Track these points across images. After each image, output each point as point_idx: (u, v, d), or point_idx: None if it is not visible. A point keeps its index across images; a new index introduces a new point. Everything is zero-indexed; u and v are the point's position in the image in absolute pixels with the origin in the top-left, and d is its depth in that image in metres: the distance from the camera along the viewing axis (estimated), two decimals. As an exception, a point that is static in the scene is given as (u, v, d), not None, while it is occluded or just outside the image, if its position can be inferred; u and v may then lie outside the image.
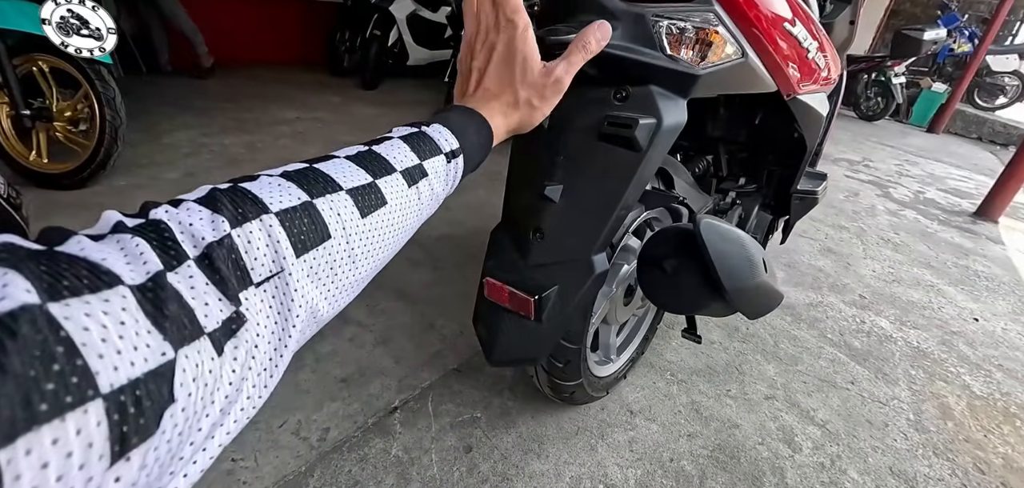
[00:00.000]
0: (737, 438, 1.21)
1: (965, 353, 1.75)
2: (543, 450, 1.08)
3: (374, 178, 0.32)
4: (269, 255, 0.25)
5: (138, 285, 0.19)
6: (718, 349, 1.52)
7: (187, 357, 0.19)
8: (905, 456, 1.26)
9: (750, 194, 1.27)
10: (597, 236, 0.72)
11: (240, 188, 0.26)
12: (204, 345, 0.20)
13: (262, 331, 0.24)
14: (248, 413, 0.24)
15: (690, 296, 0.74)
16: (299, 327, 0.26)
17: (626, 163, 0.69)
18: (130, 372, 0.17)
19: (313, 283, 0.27)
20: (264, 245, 0.25)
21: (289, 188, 0.28)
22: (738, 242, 0.70)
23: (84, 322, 0.16)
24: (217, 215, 0.24)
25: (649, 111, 0.68)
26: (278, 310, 0.25)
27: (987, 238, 2.93)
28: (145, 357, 0.17)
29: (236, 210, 0.24)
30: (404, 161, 0.34)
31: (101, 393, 0.16)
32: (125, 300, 0.18)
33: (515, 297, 0.76)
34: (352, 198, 0.30)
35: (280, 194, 0.27)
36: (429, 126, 0.37)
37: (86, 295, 0.17)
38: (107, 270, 0.18)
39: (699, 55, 0.68)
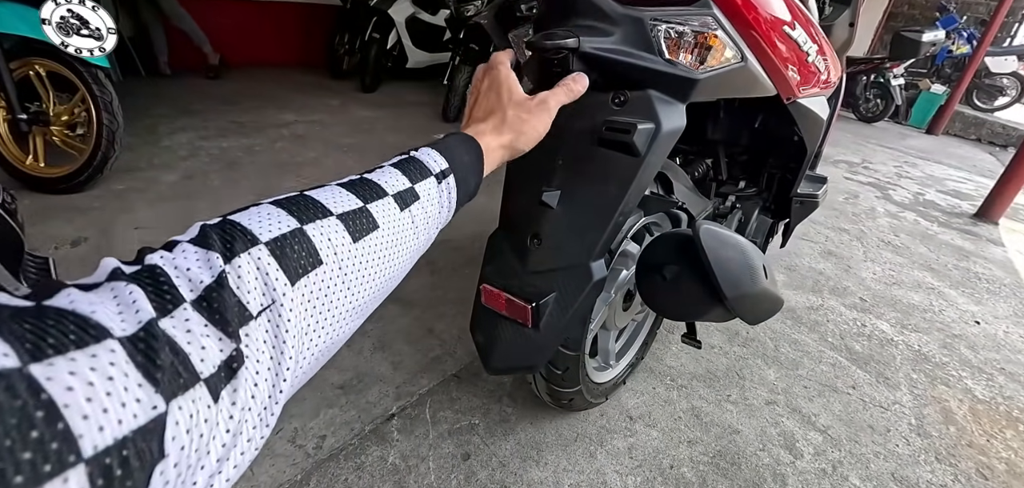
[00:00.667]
0: (738, 444, 1.20)
1: (967, 356, 1.74)
2: (542, 457, 1.07)
3: (365, 203, 0.32)
4: (260, 287, 0.24)
5: (129, 336, 0.18)
6: (718, 354, 1.51)
7: (181, 408, 0.19)
8: (907, 462, 1.25)
9: (750, 198, 1.26)
10: (596, 242, 0.71)
11: (229, 221, 0.26)
12: (199, 393, 0.20)
13: (260, 368, 0.23)
14: (248, 458, 0.23)
15: (690, 303, 0.73)
16: (295, 359, 0.25)
17: (625, 168, 0.68)
18: (117, 431, 0.16)
19: (307, 313, 0.26)
20: (255, 277, 0.24)
21: (278, 215, 0.27)
22: (738, 248, 0.69)
23: (68, 381, 0.15)
24: (210, 252, 0.23)
25: (648, 116, 0.67)
26: (273, 343, 0.24)
27: (988, 240, 2.91)
28: (134, 413, 0.17)
29: (226, 244, 0.24)
30: (395, 185, 0.34)
31: (83, 458, 0.15)
32: (114, 354, 0.17)
33: (512, 304, 0.75)
34: (343, 223, 0.30)
35: (269, 222, 0.27)
36: (418, 150, 0.38)
37: (72, 351, 0.16)
38: (96, 323, 0.17)
39: (698, 59, 0.68)
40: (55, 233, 1.69)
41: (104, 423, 0.16)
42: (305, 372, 0.27)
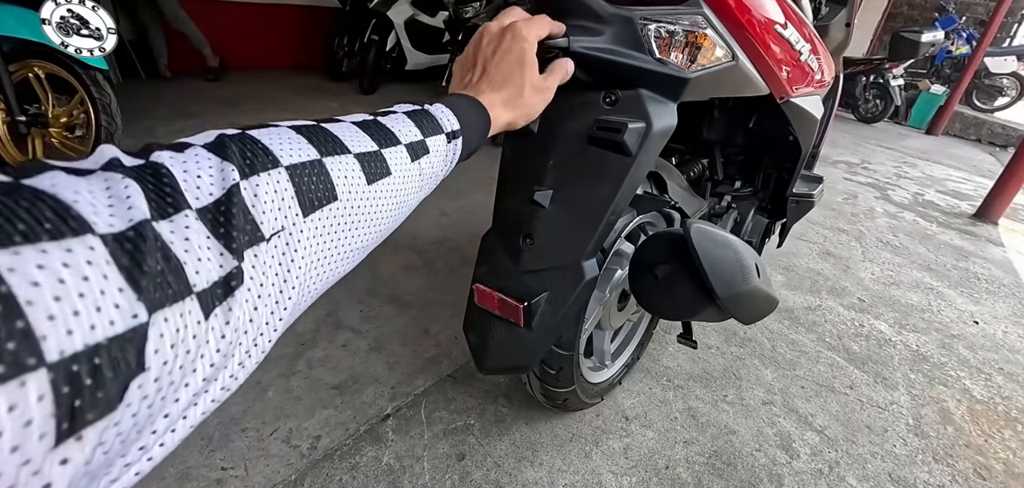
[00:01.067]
0: (734, 444, 1.20)
1: (965, 356, 1.73)
2: (537, 457, 1.07)
3: (380, 147, 0.31)
4: (275, 210, 0.23)
5: (115, 233, 0.16)
6: (715, 354, 1.50)
7: (166, 320, 0.17)
8: (904, 462, 1.25)
9: (746, 197, 1.26)
10: (587, 242, 0.71)
11: (250, 136, 0.25)
12: (189, 306, 0.18)
13: (263, 293, 0.22)
14: (238, 381, 0.22)
15: (683, 302, 0.73)
16: (298, 290, 0.25)
17: (616, 168, 0.68)
18: (89, 337, 0.14)
19: (317, 245, 0.26)
20: (272, 199, 0.23)
21: (300, 142, 0.26)
22: (730, 247, 0.69)
23: (34, 275, 0.14)
24: (226, 163, 0.22)
25: (639, 115, 0.67)
26: (277, 271, 0.23)
27: (987, 240, 2.91)
28: (111, 319, 0.15)
29: (245, 160, 0.23)
30: (408, 135, 0.34)
31: (46, 361, 0.13)
32: (93, 252, 0.15)
33: (505, 304, 0.75)
34: (360, 163, 0.29)
35: (291, 147, 0.26)
36: (432, 106, 0.37)
37: (44, 242, 0.14)
38: (77, 214, 0.16)
39: (689, 58, 0.68)
40: (53, 235, 1.69)
41: (74, 326, 0.14)
42: (301, 305, 0.26)
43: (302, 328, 1.36)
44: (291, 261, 0.24)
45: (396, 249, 1.84)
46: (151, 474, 0.93)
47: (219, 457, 0.98)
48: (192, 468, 0.96)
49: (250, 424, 1.06)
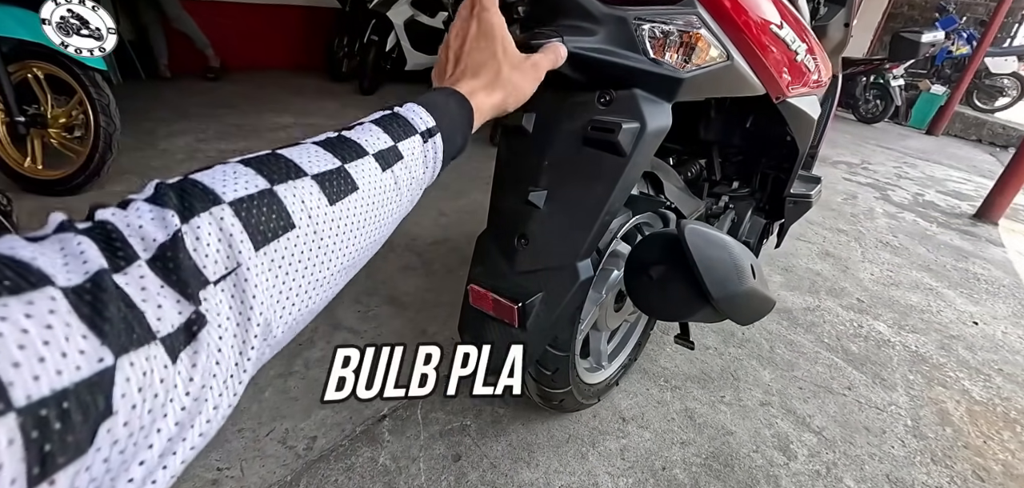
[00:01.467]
0: (731, 446, 1.19)
1: (964, 357, 1.73)
2: (533, 458, 1.07)
3: (343, 163, 0.30)
4: (223, 250, 0.23)
5: (74, 286, 0.17)
6: (713, 355, 1.50)
7: (132, 365, 0.17)
8: (903, 463, 1.24)
9: (743, 198, 1.26)
10: (582, 242, 0.71)
11: (189, 180, 0.24)
12: (154, 351, 0.19)
13: (225, 333, 0.22)
14: (214, 427, 0.22)
15: (677, 303, 0.73)
16: (264, 327, 0.24)
17: (611, 168, 0.68)
18: (55, 382, 0.15)
19: (276, 279, 0.25)
20: (215, 239, 0.23)
21: (246, 174, 0.26)
22: (725, 248, 0.69)
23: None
24: (165, 210, 0.22)
25: (633, 115, 0.67)
26: (238, 310, 0.23)
27: (987, 240, 2.90)
28: (77, 365, 0.16)
29: (183, 203, 0.23)
30: (376, 144, 0.32)
31: (14, 407, 0.14)
32: (54, 302, 0.16)
33: (499, 304, 0.75)
34: (318, 184, 0.28)
35: (235, 182, 0.25)
36: (403, 107, 0.36)
37: (4, 297, 0.15)
38: (37, 269, 0.16)
39: (683, 58, 0.68)
40: (51, 235, 1.69)
41: (40, 372, 0.14)
42: (279, 340, 0.26)
43: (299, 329, 1.36)
44: (251, 297, 0.23)
45: (394, 250, 1.84)
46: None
47: (215, 457, 0.98)
48: (188, 469, 0.95)
49: (246, 424, 1.06)
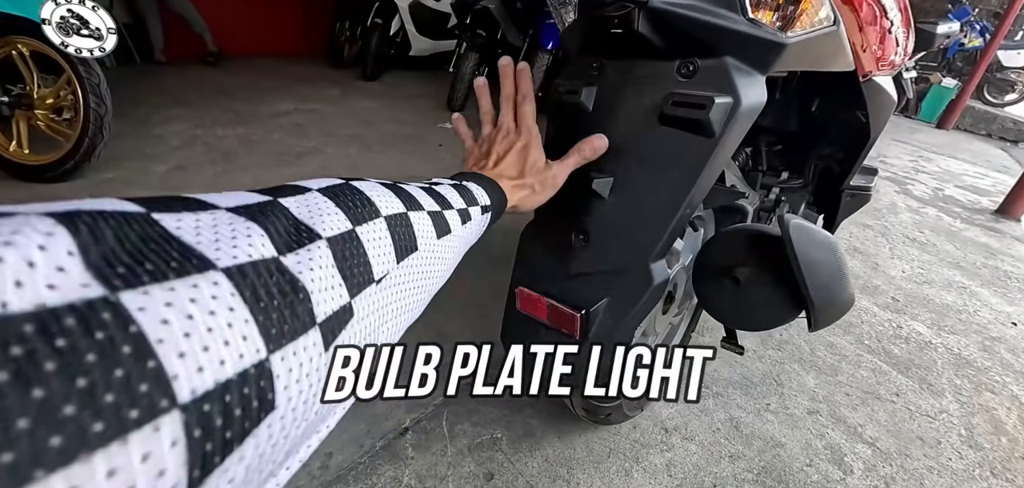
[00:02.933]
0: (783, 459, 1.10)
1: (1008, 361, 1.64)
2: (573, 476, 0.97)
3: (442, 209, 0.35)
4: (383, 255, 0.25)
5: (239, 265, 0.17)
6: (752, 358, 1.40)
7: (295, 354, 0.17)
8: (963, 477, 1.16)
9: (796, 191, 1.15)
10: (657, 239, 0.60)
11: (353, 187, 0.27)
12: (313, 338, 0.19)
13: (362, 331, 0.23)
14: (336, 418, 0.23)
15: (767, 309, 0.62)
16: (386, 333, 0.26)
17: (696, 151, 0.57)
18: (219, 373, 0.14)
19: (402, 291, 0.28)
20: (379, 245, 0.25)
21: (389, 196, 0.29)
22: (830, 248, 0.58)
23: (163, 313, 0.13)
24: (340, 209, 0.24)
25: (725, 88, 0.56)
26: (378, 312, 0.25)
27: (1013, 237, 2.82)
28: (240, 353, 0.15)
29: (356, 207, 0.25)
30: (458, 203, 0.38)
31: (178, 403, 0.13)
32: (217, 286, 0.15)
33: (557, 311, 0.64)
34: (432, 220, 0.33)
35: (386, 200, 0.28)
36: (467, 182, 0.42)
37: (171, 280, 0.14)
38: (199, 253, 0.16)
39: (784, 19, 0.56)
40: (38, 225, 1.57)
41: (204, 363, 0.14)
42: None
43: (309, 329, 1.26)
44: (387, 304, 0.25)
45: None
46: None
47: (220, 477, 0.87)
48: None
49: (254, 438, 0.95)
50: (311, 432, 0.21)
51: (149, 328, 0.13)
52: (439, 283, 0.35)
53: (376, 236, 0.25)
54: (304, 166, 2.35)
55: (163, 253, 0.15)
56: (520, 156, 0.51)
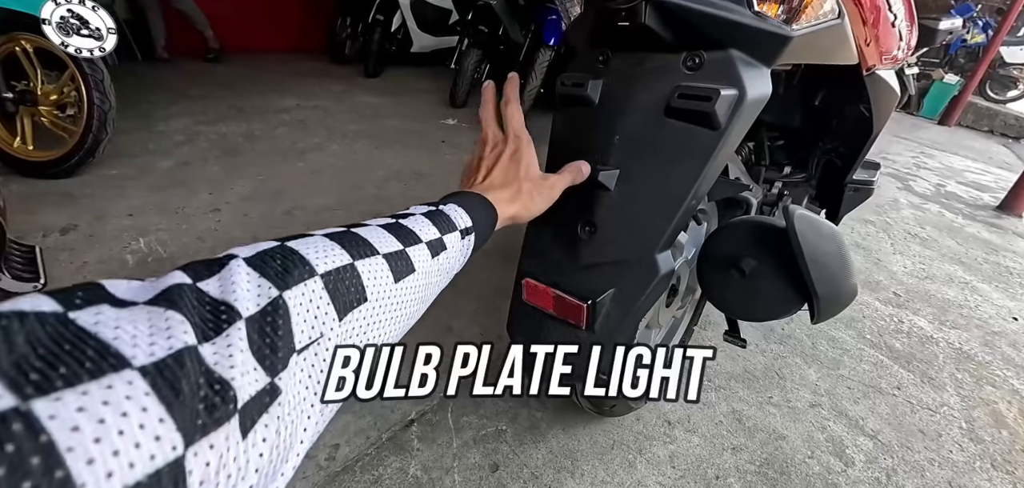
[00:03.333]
0: (785, 451, 1.11)
1: (1009, 355, 1.65)
2: (577, 467, 0.98)
3: (404, 247, 0.33)
4: (315, 318, 0.24)
5: (156, 362, 0.17)
6: (755, 351, 1.41)
7: (212, 447, 0.17)
8: (963, 469, 1.16)
9: (798, 185, 1.16)
10: (663, 230, 0.61)
11: (287, 247, 0.26)
12: (231, 428, 0.18)
13: (295, 403, 0.22)
14: None
15: (772, 301, 0.63)
16: (331, 396, 0.25)
17: (702, 143, 0.58)
18: (127, 477, 0.14)
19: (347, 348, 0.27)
20: (309, 308, 0.24)
21: (333, 248, 0.28)
22: (835, 240, 0.59)
23: (74, 419, 0.14)
24: (264, 278, 0.23)
25: (730, 81, 0.56)
26: (312, 377, 0.24)
27: (1014, 233, 2.83)
28: (151, 454, 0.15)
29: (284, 271, 0.24)
30: (428, 234, 0.36)
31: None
32: (131, 385, 0.16)
33: (563, 302, 0.64)
34: (388, 263, 0.31)
35: (325, 254, 0.27)
36: (445, 206, 0.40)
37: (85, 383, 0.14)
38: (115, 351, 0.16)
39: (789, 11, 0.57)
40: (44, 221, 1.58)
41: (114, 468, 0.14)
42: (332, 408, 0.27)
43: (314, 323, 1.27)
44: (325, 363, 0.25)
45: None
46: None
47: (228, 468, 0.88)
48: None
49: (261, 430, 0.96)
50: None
51: (59, 437, 0.13)
52: (401, 327, 0.33)
53: (305, 300, 0.24)
54: (308, 162, 2.36)
55: (77, 353, 0.15)
56: (511, 163, 0.49)
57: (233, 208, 1.83)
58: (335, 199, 2.01)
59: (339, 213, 1.91)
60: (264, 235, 1.31)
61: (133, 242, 1.54)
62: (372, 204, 2.01)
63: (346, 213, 1.92)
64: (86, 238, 1.53)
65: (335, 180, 2.19)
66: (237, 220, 1.76)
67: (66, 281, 1.20)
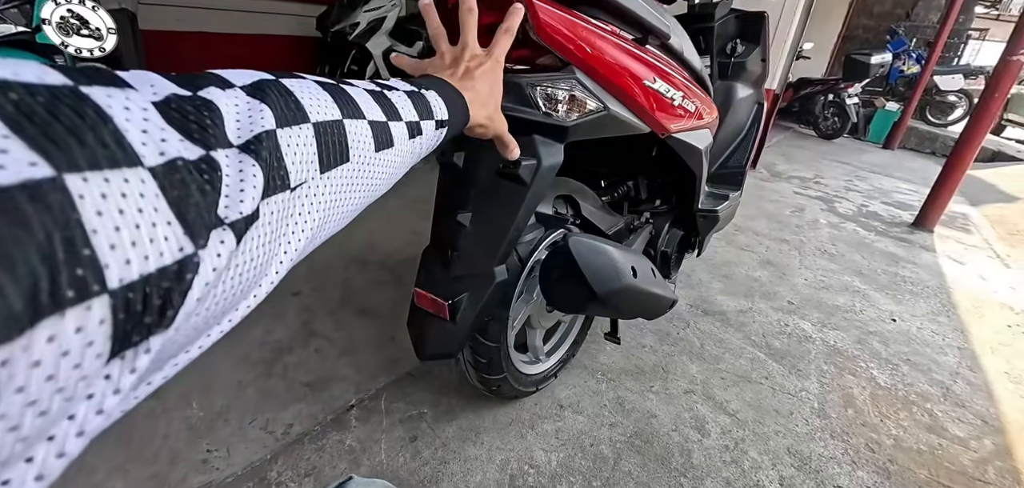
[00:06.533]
0: (653, 426, 1.39)
1: (877, 350, 1.94)
2: (479, 438, 1.26)
3: (388, 119, 0.33)
4: (303, 162, 0.25)
5: (164, 164, 0.17)
6: (649, 352, 1.70)
7: (214, 252, 0.18)
8: (804, 438, 1.44)
9: (662, 214, 1.48)
10: (497, 252, 0.92)
11: (284, 85, 0.27)
12: (227, 235, 0.19)
13: (270, 234, 0.23)
14: (249, 309, 0.24)
15: (576, 299, 0.93)
16: (297, 245, 0.26)
17: (517, 194, 0.89)
18: (143, 267, 0.15)
19: (323, 202, 0.27)
20: (300, 151, 0.25)
21: (325, 100, 0.28)
22: (606, 254, 0.90)
23: (99, 205, 0.14)
24: (264, 106, 0.24)
25: (532, 154, 0.88)
26: (288, 222, 0.24)
27: (921, 247, 3.13)
28: (161, 251, 0.16)
29: (280, 108, 0.24)
30: (409, 114, 0.36)
31: (108, 289, 0.14)
32: (144, 184, 0.16)
33: (435, 303, 0.94)
34: (372, 131, 0.31)
35: (319, 104, 0.27)
36: (427, 92, 0.39)
37: (105, 169, 0.15)
38: (129, 145, 0.16)
39: (569, 110, 0.89)
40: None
41: (132, 257, 0.15)
42: (293, 258, 0.27)
43: (280, 335, 1.54)
44: (302, 213, 0.25)
45: (367, 266, 2.03)
46: (143, 457, 1.10)
47: (205, 443, 1.15)
48: (180, 452, 1.13)
49: (232, 416, 1.23)
50: (232, 308, 0.22)
51: (87, 218, 0.14)
52: (371, 197, 0.33)
53: (299, 142, 0.24)
54: (284, 201, 2.65)
55: (97, 133, 0.15)
56: (494, 76, 0.48)
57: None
58: (306, 234, 2.31)
59: (309, 246, 2.20)
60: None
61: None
62: (338, 237, 2.29)
63: (315, 246, 2.21)
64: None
65: (307, 217, 2.49)
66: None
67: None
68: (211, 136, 0.20)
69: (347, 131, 0.29)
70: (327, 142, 0.27)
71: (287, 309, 1.68)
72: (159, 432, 1.17)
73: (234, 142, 0.21)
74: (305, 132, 0.25)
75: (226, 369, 1.38)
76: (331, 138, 0.27)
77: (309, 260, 2.01)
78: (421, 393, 1.38)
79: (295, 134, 0.24)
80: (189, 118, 0.19)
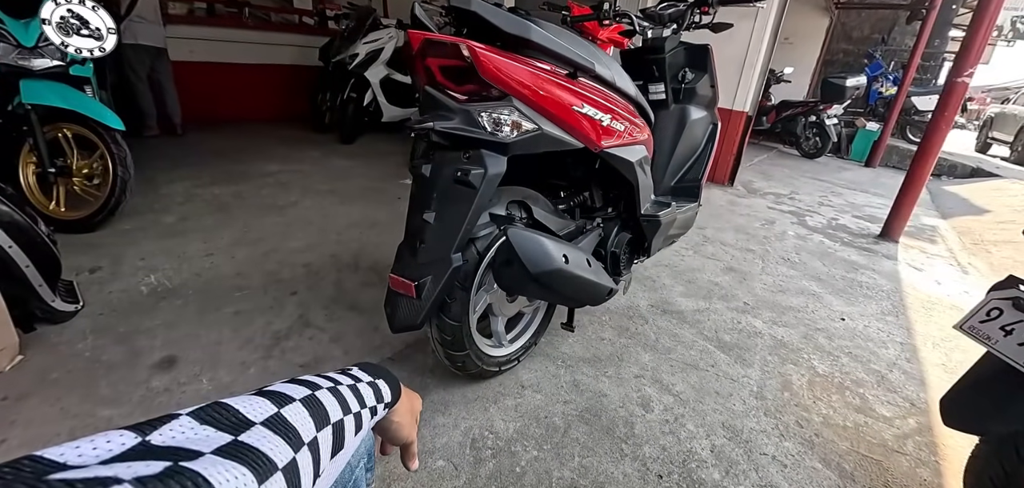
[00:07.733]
0: (603, 403, 1.59)
1: (822, 344, 2.11)
2: (447, 410, 1.46)
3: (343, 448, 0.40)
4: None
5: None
6: (607, 344, 1.91)
7: None
8: (739, 415, 1.63)
9: (612, 219, 1.70)
10: (453, 242, 1.13)
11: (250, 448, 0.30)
12: None
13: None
14: None
15: (517, 279, 1.15)
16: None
17: (468, 196, 1.11)
18: None
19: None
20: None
21: (280, 444, 0.32)
22: (539, 243, 1.12)
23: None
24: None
25: (480, 165, 1.10)
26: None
27: (883, 255, 3.29)
28: None
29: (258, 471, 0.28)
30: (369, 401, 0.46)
31: None
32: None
33: (404, 284, 1.16)
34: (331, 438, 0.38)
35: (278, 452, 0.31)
36: (379, 381, 0.50)
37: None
38: None
39: (510, 130, 1.12)
40: (76, 263, 2.07)
41: None
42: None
43: (279, 326, 1.76)
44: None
45: (358, 270, 2.25)
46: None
47: (213, 411, 1.36)
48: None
49: (237, 389, 1.43)
50: None
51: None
52: None
53: None
54: (285, 215, 2.89)
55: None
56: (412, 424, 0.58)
57: (223, 252, 2.34)
58: (304, 243, 2.53)
59: (307, 253, 2.42)
60: (248, 270, 1.87)
61: (146, 278, 2.04)
62: (333, 247, 2.52)
63: (312, 253, 2.43)
64: (110, 275, 2.03)
65: (305, 229, 2.71)
66: (226, 261, 2.27)
67: (97, 306, 1.69)
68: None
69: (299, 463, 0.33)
70: None
71: (286, 305, 1.90)
72: (173, 402, 1.37)
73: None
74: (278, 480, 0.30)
75: (232, 352, 1.59)
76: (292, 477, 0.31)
77: (306, 265, 2.24)
78: (399, 372, 1.55)
79: None
80: None
